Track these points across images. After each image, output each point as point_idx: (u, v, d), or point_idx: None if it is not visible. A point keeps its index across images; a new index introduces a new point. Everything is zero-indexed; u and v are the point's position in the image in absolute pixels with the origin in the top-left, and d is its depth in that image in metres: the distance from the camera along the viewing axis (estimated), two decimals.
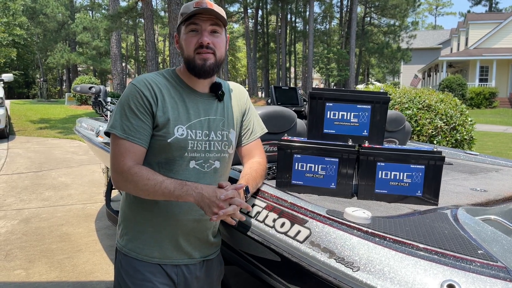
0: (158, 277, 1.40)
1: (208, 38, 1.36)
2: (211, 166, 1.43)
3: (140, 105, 1.33)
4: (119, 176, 1.33)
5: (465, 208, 1.51)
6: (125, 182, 1.32)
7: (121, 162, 1.32)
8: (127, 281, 1.41)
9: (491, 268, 1.04)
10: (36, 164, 7.10)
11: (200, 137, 1.39)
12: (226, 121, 1.47)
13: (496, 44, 27.15)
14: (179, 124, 1.36)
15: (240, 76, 61.73)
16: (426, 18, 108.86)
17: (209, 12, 1.35)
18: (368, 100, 1.75)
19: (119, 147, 1.33)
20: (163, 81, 1.40)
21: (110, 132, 1.36)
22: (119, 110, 1.35)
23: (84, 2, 45.88)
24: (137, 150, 1.34)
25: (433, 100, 5.32)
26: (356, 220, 1.28)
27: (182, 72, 1.45)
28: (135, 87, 1.35)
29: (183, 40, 1.40)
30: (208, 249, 1.53)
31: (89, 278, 3.04)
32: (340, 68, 31.51)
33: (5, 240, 3.73)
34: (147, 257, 1.41)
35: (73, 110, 16.97)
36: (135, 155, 1.33)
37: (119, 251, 1.47)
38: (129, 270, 1.41)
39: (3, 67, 29.45)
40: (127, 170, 1.31)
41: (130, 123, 1.33)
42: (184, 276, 1.45)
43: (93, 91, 3.75)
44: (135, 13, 18.98)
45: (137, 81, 1.37)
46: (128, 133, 1.32)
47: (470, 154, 2.94)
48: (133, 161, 1.32)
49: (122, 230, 1.48)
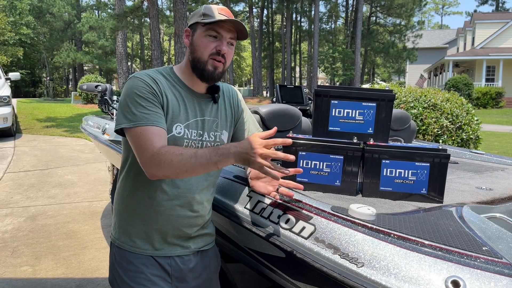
0: (151, 269, 1.41)
1: (226, 48, 1.36)
2: None
3: (149, 92, 1.30)
4: (151, 162, 1.24)
5: (470, 206, 1.51)
6: (158, 165, 1.23)
7: (148, 148, 1.24)
8: (120, 273, 1.42)
9: (495, 264, 1.04)
10: (42, 162, 7.15)
11: (194, 137, 1.40)
12: (219, 122, 1.48)
13: (502, 43, 26.97)
14: (178, 122, 1.36)
15: (245, 75, 61.71)
16: (433, 18, 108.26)
17: (235, 25, 1.36)
18: (374, 97, 1.75)
19: (139, 136, 1.27)
20: (163, 79, 1.39)
21: (125, 128, 1.30)
22: (127, 102, 1.30)
23: (90, 2, 46.13)
24: (159, 131, 1.28)
25: (439, 99, 5.30)
26: (361, 216, 1.29)
27: (182, 71, 1.43)
28: (138, 79, 1.32)
29: (198, 40, 1.37)
30: (202, 240, 1.53)
31: (94, 274, 3.06)
32: (346, 67, 31.44)
33: (12, 237, 3.77)
34: (139, 249, 1.42)
35: (79, 109, 17.07)
36: (159, 136, 1.27)
37: (113, 244, 1.49)
38: (122, 262, 1.42)
39: (10, 66, 29.64)
40: (157, 152, 1.23)
41: (144, 108, 1.28)
42: (178, 267, 1.45)
43: (99, 90, 3.78)
44: (140, 12, 19.04)
45: (140, 74, 1.34)
46: (144, 119, 1.27)
47: (476, 153, 2.92)
48: (159, 143, 1.26)
49: (115, 223, 1.49)
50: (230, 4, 31.28)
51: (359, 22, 29.11)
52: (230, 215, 1.67)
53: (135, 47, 48.13)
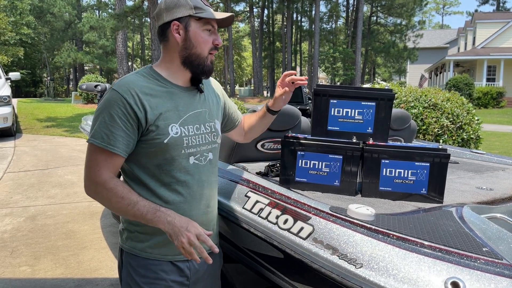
0: (171, 275, 1.38)
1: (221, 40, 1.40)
2: (207, 159, 1.43)
3: (123, 113, 1.26)
4: (92, 186, 1.29)
5: (471, 206, 1.50)
6: (95, 195, 1.30)
7: (97, 173, 1.27)
8: (138, 281, 1.38)
9: (496, 265, 1.03)
10: (42, 162, 7.14)
11: (192, 131, 1.38)
12: (210, 112, 1.47)
13: (503, 43, 26.94)
14: (172, 123, 1.33)
15: (246, 75, 61.72)
16: (433, 17, 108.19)
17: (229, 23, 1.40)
18: (373, 97, 1.74)
19: (95, 156, 1.28)
20: (145, 82, 1.33)
21: (89, 142, 1.30)
22: (99, 117, 1.28)
23: (91, 2, 46.17)
24: (115, 160, 1.29)
25: (440, 99, 5.28)
26: (360, 217, 1.28)
27: (164, 67, 1.39)
28: (118, 94, 1.27)
29: (198, 36, 1.34)
30: (214, 239, 1.52)
31: (94, 275, 3.05)
32: (346, 67, 31.43)
33: (11, 237, 3.76)
34: (159, 255, 1.39)
35: (80, 109, 17.07)
36: (112, 166, 1.29)
37: (126, 253, 1.43)
38: (140, 270, 1.38)
39: (10, 66, 29.68)
40: (102, 183, 1.27)
41: (109, 131, 1.26)
42: (196, 269, 1.43)
43: (99, 89, 3.78)
44: (141, 12, 19.03)
45: (119, 86, 1.29)
46: (107, 141, 1.26)
47: (476, 153, 2.91)
48: (109, 173, 1.28)
49: (127, 233, 1.43)
50: (231, 4, 31.27)
51: (359, 21, 29.08)
52: (228, 215, 1.66)
53: (135, 47, 48.17)
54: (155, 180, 1.35)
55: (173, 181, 1.35)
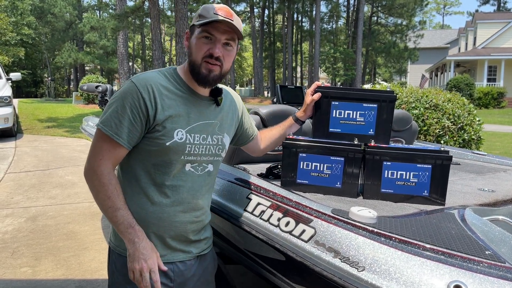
0: None
1: (220, 50, 1.32)
2: (205, 169, 1.43)
3: (135, 105, 1.29)
4: (90, 171, 1.33)
5: (473, 208, 1.49)
6: (90, 180, 1.33)
7: (98, 161, 1.31)
8: (121, 281, 1.40)
9: (498, 269, 1.02)
10: (43, 163, 7.15)
11: (198, 141, 1.38)
12: (221, 125, 1.47)
13: (504, 43, 26.92)
14: (178, 128, 1.33)
15: (246, 75, 61.71)
16: (434, 18, 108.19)
17: (229, 25, 1.31)
18: (375, 98, 1.73)
19: (101, 143, 1.32)
20: (164, 82, 1.35)
21: (98, 127, 1.33)
22: (113, 105, 1.31)
23: (92, 2, 46.18)
24: (118, 151, 1.32)
25: (441, 99, 5.28)
26: (362, 219, 1.27)
27: (185, 72, 1.40)
28: (134, 87, 1.30)
29: (193, 43, 1.35)
30: (203, 244, 1.52)
31: (94, 276, 3.05)
32: (347, 67, 31.43)
33: (12, 237, 3.76)
34: None
35: (81, 109, 17.07)
36: (114, 157, 1.32)
37: (112, 251, 1.46)
38: (123, 270, 1.38)
39: (11, 66, 29.70)
40: (99, 174, 1.30)
41: (119, 121, 1.29)
42: (180, 273, 1.43)
43: (100, 90, 3.77)
44: (142, 12, 19.04)
45: (138, 79, 1.32)
46: (115, 131, 1.29)
47: (478, 154, 2.90)
48: (109, 166, 1.31)
49: (114, 230, 1.44)
50: (231, 4, 31.27)
51: (360, 22, 29.07)
52: (230, 217, 1.65)
53: (136, 47, 48.17)
54: (148, 177, 1.36)
55: (165, 183, 1.36)
